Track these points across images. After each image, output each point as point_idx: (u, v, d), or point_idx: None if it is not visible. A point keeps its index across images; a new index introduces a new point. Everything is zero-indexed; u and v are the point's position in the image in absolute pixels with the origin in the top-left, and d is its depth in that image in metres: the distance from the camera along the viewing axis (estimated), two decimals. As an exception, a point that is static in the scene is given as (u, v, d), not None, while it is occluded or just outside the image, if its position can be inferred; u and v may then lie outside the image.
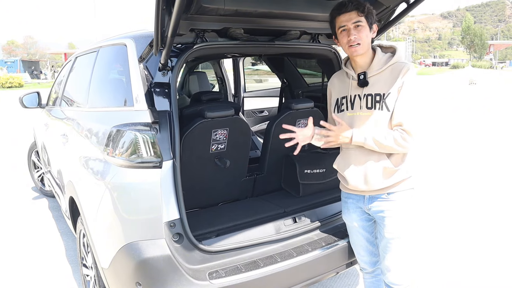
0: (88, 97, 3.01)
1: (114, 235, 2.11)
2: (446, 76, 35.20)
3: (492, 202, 4.87)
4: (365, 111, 2.02)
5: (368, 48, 2.01)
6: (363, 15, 1.96)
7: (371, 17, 1.99)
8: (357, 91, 2.07)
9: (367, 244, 2.26)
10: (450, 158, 7.16)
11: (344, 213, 2.30)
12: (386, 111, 1.97)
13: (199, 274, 2.08)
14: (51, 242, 3.99)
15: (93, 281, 2.59)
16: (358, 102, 2.05)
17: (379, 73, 2.01)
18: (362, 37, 1.96)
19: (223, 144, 2.67)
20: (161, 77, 2.22)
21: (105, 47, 2.96)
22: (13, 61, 52.66)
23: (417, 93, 1.97)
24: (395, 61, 2.00)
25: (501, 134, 9.41)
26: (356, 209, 2.20)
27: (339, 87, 2.18)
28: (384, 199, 2.07)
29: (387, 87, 1.97)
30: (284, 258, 2.26)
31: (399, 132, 1.93)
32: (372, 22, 2.00)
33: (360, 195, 2.14)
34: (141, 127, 2.06)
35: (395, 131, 1.94)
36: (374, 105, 2.00)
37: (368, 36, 1.99)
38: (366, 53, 2.02)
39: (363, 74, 2.03)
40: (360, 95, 2.05)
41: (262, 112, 5.54)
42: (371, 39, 2.02)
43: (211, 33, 2.36)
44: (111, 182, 2.11)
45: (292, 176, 2.95)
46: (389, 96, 1.96)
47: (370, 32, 2.00)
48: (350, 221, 2.27)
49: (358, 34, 1.96)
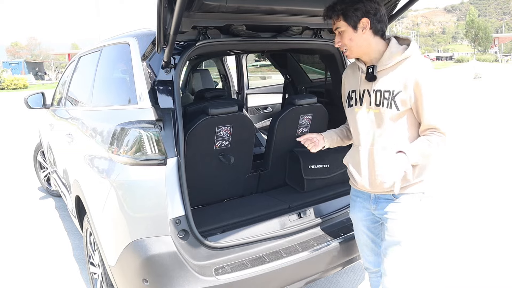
0: (92, 96, 3.03)
1: (120, 233, 2.13)
2: (450, 71, 35.00)
3: (500, 204, 4.85)
4: (374, 108, 1.91)
5: (364, 48, 1.88)
6: (339, 19, 1.85)
7: (352, 15, 1.82)
8: (366, 85, 1.94)
9: (371, 244, 2.19)
10: (458, 158, 7.13)
11: (351, 211, 2.24)
12: (395, 110, 1.84)
13: (205, 270, 2.09)
14: (58, 242, 4.02)
15: (100, 279, 2.61)
16: (367, 97, 1.93)
17: (390, 67, 1.86)
18: (345, 43, 1.88)
19: (227, 141, 2.67)
20: (164, 75, 2.23)
21: (108, 46, 2.98)
22: (17, 62, 52.88)
23: (440, 90, 1.82)
24: (409, 55, 1.83)
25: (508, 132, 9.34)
26: (362, 209, 2.13)
27: (350, 80, 2.07)
28: (390, 200, 1.96)
29: (398, 84, 1.83)
30: (290, 254, 2.27)
31: (438, 136, 1.81)
32: (356, 19, 1.82)
33: (367, 194, 2.06)
34: (145, 124, 2.07)
35: (433, 135, 1.81)
36: (382, 102, 1.87)
37: (354, 38, 1.85)
38: (368, 51, 1.89)
39: (372, 68, 1.89)
40: (369, 90, 1.92)
41: (265, 109, 5.54)
42: (363, 36, 1.85)
43: (213, 30, 2.36)
44: (116, 180, 2.12)
45: (297, 172, 2.95)
46: (399, 94, 1.82)
47: (356, 31, 1.84)
48: (356, 220, 2.21)
49: (342, 41, 1.89)
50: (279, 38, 2.60)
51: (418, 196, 1.94)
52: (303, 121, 2.94)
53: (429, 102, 1.79)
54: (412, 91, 1.81)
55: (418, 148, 1.80)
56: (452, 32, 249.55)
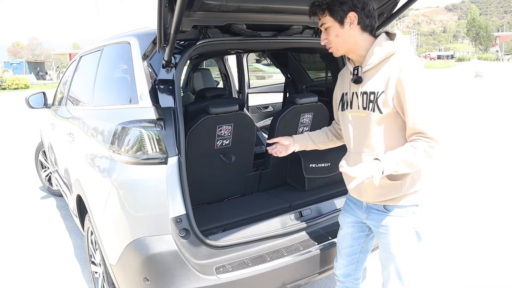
0: (93, 96, 3.03)
1: (121, 232, 2.13)
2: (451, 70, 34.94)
3: (501, 204, 4.85)
4: (361, 112, 1.79)
5: (350, 45, 1.78)
6: (325, 15, 1.77)
7: (338, 10, 1.73)
8: (354, 88, 1.83)
9: (348, 253, 2.09)
10: (459, 158, 7.13)
11: (341, 213, 2.14)
12: (378, 113, 1.70)
13: (206, 269, 2.09)
14: (60, 241, 4.03)
15: (101, 278, 2.62)
16: (356, 100, 1.82)
17: (375, 66, 1.74)
18: (331, 40, 1.79)
19: (228, 140, 2.68)
20: (165, 74, 2.23)
21: (109, 45, 2.98)
22: (18, 62, 53.03)
23: (429, 90, 1.63)
24: (393, 51, 1.69)
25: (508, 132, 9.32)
26: (352, 216, 2.04)
27: (343, 81, 1.98)
28: (381, 212, 1.84)
29: (381, 84, 1.69)
30: (291, 252, 2.27)
31: (425, 142, 1.60)
32: (343, 14, 1.72)
33: (360, 201, 1.96)
34: (146, 124, 2.07)
35: (419, 141, 1.61)
36: (368, 105, 1.74)
37: (340, 34, 1.76)
38: (355, 48, 1.79)
39: (357, 69, 1.79)
40: (357, 92, 1.81)
41: (266, 108, 5.55)
42: (350, 32, 1.75)
43: (214, 30, 2.36)
44: (117, 179, 2.13)
45: (298, 171, 2.96)
46: (382, 96, 1.68)
47: (343, 26, 1.74)
48: (343, 224, 2.11)
49: (328, 37, 1.80)
50: (279, 37, 2.60)
51: (411, 209, 1.81)
52: (304, 120, 2.95)
53: (412, 101, 1.62)
54: (395, 90, 1.66)
55: (398, 156, 1.61)
56: (453, 31, 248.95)
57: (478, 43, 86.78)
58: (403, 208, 1.80)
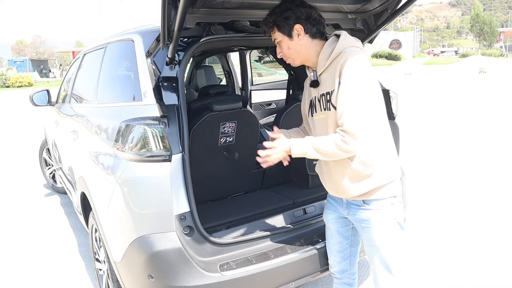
0: (96, 93, 3.04)
1: (126, 229, 2.14)
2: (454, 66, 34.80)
3: (502, 203, 4.83)
4: (323, 113, 1.84)
5: (304, 54, 1.86)
6: (274, 31, 1.86)
7: (284, 25, 1.82)
8: (314, 92, 1.90)
9: (339, 249, 2.13)
10: (461, 154, 7.10)
11: (325, 213, 2.17)
12: (334, 111, 1.74)
13: (210, 266, 2.09)
14: (64, 238, 4.04)
15: (106, 275, 2.63)
16: (318, 104, 1.88)
17: (327, 68, 1.80)
18: (285, 53, 1.88)
19: (232, 137, 2.68)
20: (168, 71, 2.23)
21: (112, 43, 2.98)
22: (22, 60, 53.08)
23: (361, 85, 1.67)
24: (339, 50, 1.75)
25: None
26: (334, 212, 2.07)
27: (307, 89, 2.02)
28: (361, 206, 1.88)
29: (332, 83, 1.75)
30: (295, 250, 2.27)
31: (340, 135, 1.67)
32: (289, 27, 1.82)
33: (340, 198, 1.99)
34: (150, 121, 2.07)
35: (336, 133, 1.69)
36: (327, 106, 1.80)
37: (292, 46, 1.85)
38: (309, 56, 1.86)
39: (312, 74, 1.88)
40: (317, 96, 1.88)
41: (269, 105, 5.53)
42: (299, 43, 1.83)
43: (217, 26, 2.36)
44: (122, 176, 2.13)
45: (301, 168, 2.95)
46: (334, 93, 1.74)
47: (292, 38, 1.83)
48: (327, 221, 2.14)
49: (282, 51, 1.89)
50: None
51: (389, 201, 1.85)
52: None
53: (343, 95, 1.68)
54: (338, 84, 1.72)
55: (309, 140, 1.74)
56: (457, 27, 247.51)
57: (482, 39, 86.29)
58: (381, 201, 1.84)
